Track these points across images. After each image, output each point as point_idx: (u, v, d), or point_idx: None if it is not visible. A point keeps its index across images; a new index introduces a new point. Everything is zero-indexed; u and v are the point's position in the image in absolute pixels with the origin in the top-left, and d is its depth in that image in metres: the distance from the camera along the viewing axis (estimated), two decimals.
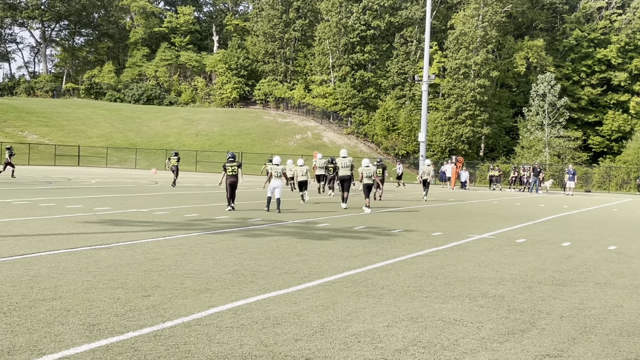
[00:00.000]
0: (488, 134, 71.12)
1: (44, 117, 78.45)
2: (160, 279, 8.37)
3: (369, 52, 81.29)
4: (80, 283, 7.92)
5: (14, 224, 13.59)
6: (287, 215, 18.37)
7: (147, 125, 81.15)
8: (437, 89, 75.40)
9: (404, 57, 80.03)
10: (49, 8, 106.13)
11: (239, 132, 76.65)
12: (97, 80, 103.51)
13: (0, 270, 8.48)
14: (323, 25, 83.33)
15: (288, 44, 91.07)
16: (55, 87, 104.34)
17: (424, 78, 61.10)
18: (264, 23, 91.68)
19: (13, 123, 73.53)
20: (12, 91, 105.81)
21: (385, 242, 13.12)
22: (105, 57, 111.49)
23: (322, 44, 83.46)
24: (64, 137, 73.01)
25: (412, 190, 40.33)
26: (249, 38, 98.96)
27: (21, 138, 69.50)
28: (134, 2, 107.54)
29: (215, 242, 12.09)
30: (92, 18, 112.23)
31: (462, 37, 71.21)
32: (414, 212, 21.99)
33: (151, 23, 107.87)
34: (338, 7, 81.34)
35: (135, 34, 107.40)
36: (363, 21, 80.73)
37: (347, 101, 79.81)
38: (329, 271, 9.49)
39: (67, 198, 21.61)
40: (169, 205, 20.44)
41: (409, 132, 71.82)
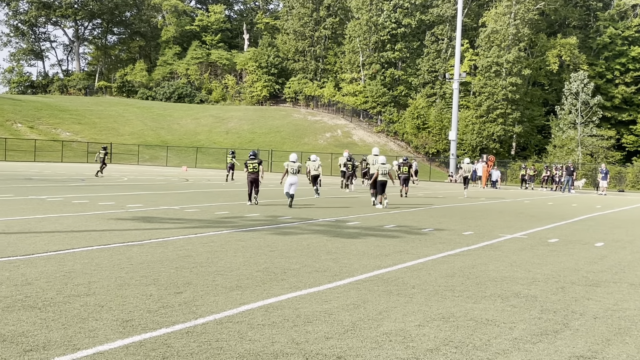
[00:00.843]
0: (520, 132, 70.45)
1: (77, 114, 79.42)
2: (192, 276, 8.43)
3: (400, 50, 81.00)
4: (114, 279, 8.01)
5: (48, 221, 13.78)
6: (317, 213, 18.38)
7: (178, 123, 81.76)
8: (468, 87, 74.87)
9: (434, 55, 79.62)
10: (82, 7, 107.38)
11: (268, 130, 76.87)
12: (129, 79, 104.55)
13: (35, 266, 8.60)
14: (353, 23, 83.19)
15: (318, 42, 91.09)
16: (88, 85, 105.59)
17: (455, 76, 60.81)
18: (295, 21, 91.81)
19: (47, 121, 74.54)
20: (45, 89, 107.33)
21: (415, 241, 13.07)
22: (137, 56, 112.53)
23: (353, 42, 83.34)
24: (96, 134, 73.84)
25: (436, 189, 40.09)
26: (279, 36, 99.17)
27: (54, 135, 70.43)
28: (166, 1, 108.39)
29: (246, 240, 12.13)
30: (124, 17, 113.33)
31: (493, 35, 70.61)
32: (444, 210, 21.87)
33: (183, 21, 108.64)
34: (369, 5, 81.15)
35: (166, 32, 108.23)
36: (394, 19, 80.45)
37: (377, 99, 79.60)
38: (359, 270, 9.48)
39: (99, 195, 21.86)
40: (200, 202, 20.57)
41: (439, 130, 71.45)
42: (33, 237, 11.31)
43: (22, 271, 8.21)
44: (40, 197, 19.60)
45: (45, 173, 36.77)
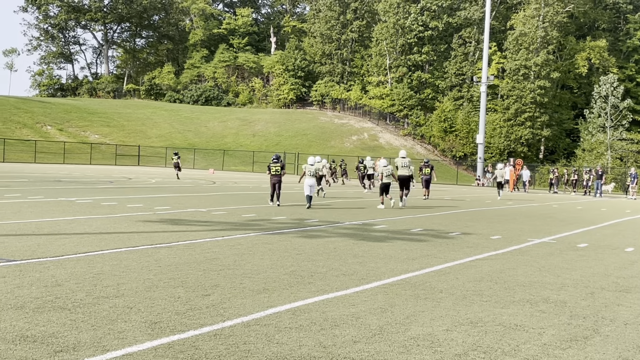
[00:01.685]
0: (548, 136, 69.85)
1: (106, 117, 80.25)
2: (219, 279, 8.46)
3: (427, 53, 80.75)
4: (142, 281, 8.06)
5: (77, 222, 13.93)
6: (344, 216, 18.37)
7: (205, 125, 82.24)
8: (495, 90, 74.39)
9: (462, 58, 79.27)
10: (111, 10, 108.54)
11: (295, 133, 77.03)
12: (157, 82, 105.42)
13: (65, 268, 8.69)
14: (380, 26, 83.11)
15: (345, 45, 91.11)
16: (116, 88, 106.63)
17: (483, 79, 60.46)
18: (322, 24, 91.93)
19: (76, 123, 75.41)
20: (75, 92, 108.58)
21: (443, 245, 13.00)
22: (165, 59, 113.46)
23: (379, 45, 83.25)
24: (124, 137, 74.54)
25: (463, 193, 39.85)
26: (306, 39, 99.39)
27: (83, 138, 71.22)
28: (194, 5, 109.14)
29: (273, 243, 12.16)
30: (152, 20, 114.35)
31: (522, 38, 70.13)
32: (471, 214, 21.74)
33: (210, 25, 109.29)
34: (396, 8, 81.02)
35: (194, 35, 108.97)
36: (421, 22, 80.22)
37: (404, 102, 79.43)
38: (386, 273, 9.45)
39: (128, 197, 22.05)
40: (227, 205, 20.66)
41: (466, 133, 71.08)
42: (63, 238, 11.44)
43: (52, 272, 8.31)
44: (69, 199, 19.82)
45: (74, 175, 37.20)
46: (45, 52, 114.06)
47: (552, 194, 45.96)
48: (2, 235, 11.49)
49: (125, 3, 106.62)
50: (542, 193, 46.29)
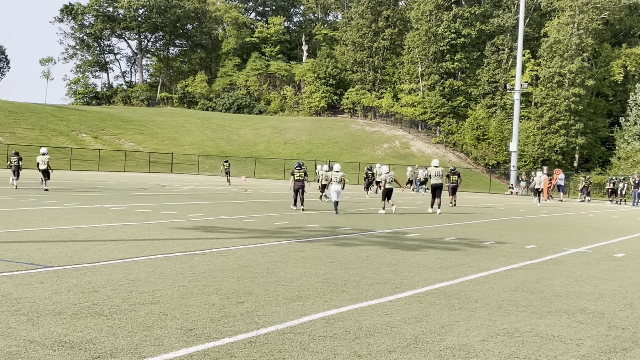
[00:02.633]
0: (583, 144, 68.99)
1: (140, 125, 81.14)
2: (253, 286, 8.48)
3: (459, 60, 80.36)
4: (177, 288, 8.12)
5: (113, 229, 14.08)
6: (376, 224, 18.32)
7: (237, 133, 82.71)
8: (529, 97, 73.73)
9: (495, 65, 78.75)
10: (145, 20, 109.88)
11: (326, 141, 77.11)
12: (190, 90, 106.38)
13: (101, 274, 8.78)
14: (412, 34, 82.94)
15: (377, 52, 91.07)
16: (150, 96, 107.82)
17: (516, 87, 60.02)
18: (353, 32, 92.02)
19: (110, 131, 76.36)
20: (110, 100, 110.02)
21: (477, 254, 12.89)
22: (198, 67, 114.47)
23: (411, 52, 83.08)
24: (158, 144, 75.27)
25: (496, 201, 39.49)
26: (337, 47, 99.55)
27: (118, 145, 72.06)
28: (227, 14, 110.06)
29: (306, 251, 12.16)
30: (186, 29, 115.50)
31: (556, 45, 69.46)
32: (505, 223, 21.54)
33: (243, 33, 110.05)
34: (428, 16, 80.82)
35: (227, 44, 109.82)
36: (453, 29, 79.90)
37: (436, 110, 79.10)
38: (420, 282, 9.39)
39: (161, 204, 22.24)
40: (259, 212, 20.74)
41: (499, 141, 70.53)
42: (99, 245, 11.57)
43: (88, 279, 8.40)
44: (105, 206, 20.05)
45: (108, 182, 37.65)
46: (81, 61, 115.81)
47: (581, 202, 45.32)
48: (40, 241, 11.66)
49: (160, 12, 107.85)
50: (576, 202, 45.69)
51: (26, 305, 6.81)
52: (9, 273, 8.48)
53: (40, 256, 9.97)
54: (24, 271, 8.69)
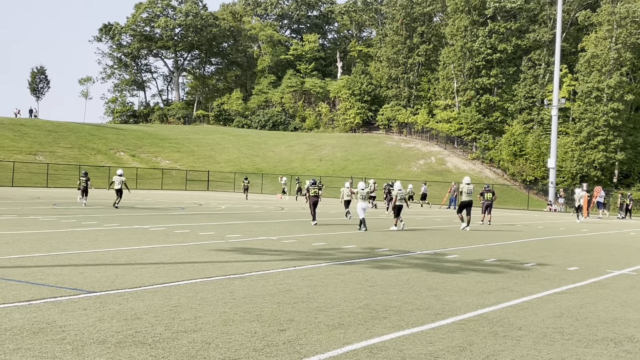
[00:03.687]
0: (622, 159, 67.86)
1: (176, 143, 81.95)
2: (294, 312, 8.45)
3: (495, 75, 79.88)
4: (218, 315, 8.12)
5: (152, 251, 14.18)
6: (414, 244, 18.19)
7: (272, 150, 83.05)
8: (567, 112, 72.87)
9: (531, 80, 78.08)
10: (181, 39, 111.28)
11: (361, 157, 77.02)
12: (225, 107, 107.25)
13: (143, 299, 8.82)
14: (447, 50, 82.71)
15: (412, 69, 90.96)
16: (186, 114, 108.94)
17: (554, 102, 59.42)
18: (388, 49, 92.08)
19: (148, 149, 77.24)
20: (147, 118, 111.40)
21: (518, 277, 12.71)
22: (233, 85, 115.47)
23: (447, 68, 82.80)
24: (194, 162, 75.91)
25: (535, 219, 38.97)
26: (372, 64, 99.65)
27: (155, 164, 72.82)
28: (262, 32, 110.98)
29: (345, 274, 12.10)
30: (221, 47, 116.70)
31: (593, 60, 68.62)
32: (545, 243, 21.23)
33: (278, 51, 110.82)
34: (463, 32, 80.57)
35: (262, 62, 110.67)
36: (489, 45, 79.52)
37: (472, 126, 78.59)
38: (462, 308, 9.27)
39: (199, 224, 22.37)
40: (297, 233, 20.73)
41: (537, 157, 69.72)
42: (139, 268, 11.65)
43: (131, 305, 8.45)
44: (144, 227, 20.22)
45: (146, 201, 38.01)
46: (119, 80, 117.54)
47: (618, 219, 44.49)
48: (81, 265, 11.78)
49: (196, 31, 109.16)
50: (616, 220, 44.90)
51: (71, 334, 6.86)
52: (53, 299, 8.57)
53: (82, 281, 10.06)
54: (67, 297, 8.77)
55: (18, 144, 66.54)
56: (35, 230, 17.73)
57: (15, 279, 10.02)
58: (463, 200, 26.05)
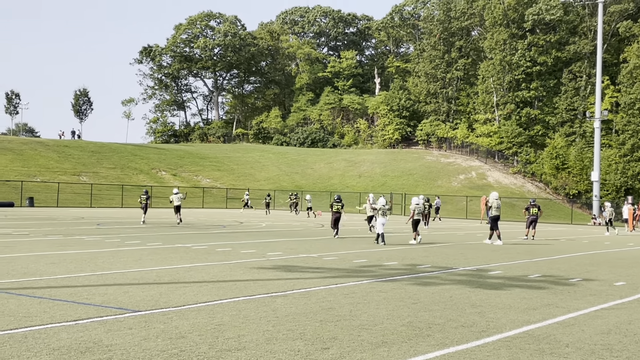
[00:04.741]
0: None
1: (216, 161, 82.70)
2: (336, 330, 8.43)
3: (535, 88, 79.16)
4: (261, 333, 8.14)
5: (195, 270, 14.29)
6: (457, 261, 18.03)
7: (311, 167, 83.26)
8: (609, 125, 71.79)
9: (572, 92, 77.18)
10: (220, 59, 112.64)
11: (401, 173, 76.75)
12: (264, 125, 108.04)
13: (187, 318, 8.89)
14: (486, 64, 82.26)
15: (450, 83, 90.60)
16: (226, 133, 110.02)
17: (596, 114, 58.59)
18: (426, 64, 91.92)
19: (188, 168, 78.07)
20: (187, 137, 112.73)
21: (564, 293, 12.50)
22: (272, 103, 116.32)
23: (486, 82, 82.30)
24: (234, 180, 76.46)
25: (579, 233, 38.32)
26: (410, 79, 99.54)
27: (196, 182, 73.54)
28: (300, 50, 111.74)
29: (387, 291, 12.04)
30: (260, 66, 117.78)
31: (636, 71, 67.59)
32: (590, 257, 20.86)
33: (315, 68, 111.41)
34: (502, 45, 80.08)
35: (300, 79, 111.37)
36: (528, 57, 78.89)
37: (513, 140, 77.87)
38: (507, 325, 9.15)
39: (240, 242, 22.50)
40: (337, 250, 20.71)
41: (580, 170, 68.71)
42: (183, 287, 11.75)
43: (175, 323, 8.52)
44: (186, 245, 20.41)
45: (188, 220, 38.35)
46: (160, 101, 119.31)
47: None
48: (126, 284, 11.93)
49: (234, 51, 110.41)
50: None
51: (117, 353, 6.94)
52: (99, 318, 8.69)
53: (127, 300, 10.19)
54: (113, 316, 8.88)
55: (62, 165, 67.82)
56: (80, 250, 18.02)
57: (62, 298, 10.18)
58: (492, 214, 26.10)
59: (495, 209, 26.08)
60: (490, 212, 26.32)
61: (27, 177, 60.82)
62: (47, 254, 16.86)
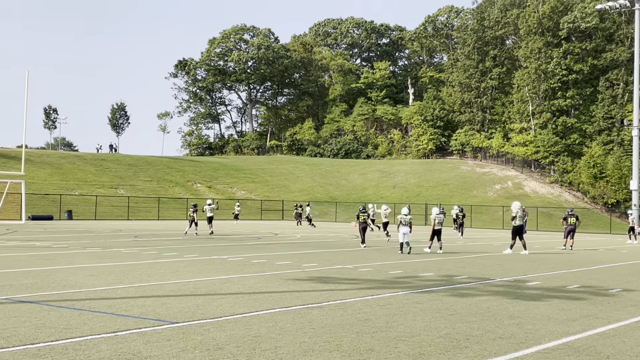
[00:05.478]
0: None
1: (251, 173, 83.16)
2: (373, 342, 8.40)
3: (572, 97, 78.31)
4: (298, 344, 8.14)
5: (231, 281, 14.37)
6: (494, 272, 17.86)
7: (345, 178, 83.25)
8: None
9: (610, 100, 76.16)
10: (254, 72, 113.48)
11: (436, 184, 76.36)
12: (298, 137, 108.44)
13: (224, 330, 8.94)
14: (521, 72, 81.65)
15: (485, 92, 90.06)
16: (260, 145, 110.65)
17: (634, 122, 57.73)
18: (460, 73, 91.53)
19: (223, 180, 78.62)
20: (222, 150, 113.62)
21: (604, 304, 12.30)
22: (305, 114, 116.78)
23: (521, 91, 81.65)
24: (268, 192, 76.78)
25: (618, 243, 37.70)
26: (444, 89, 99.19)
27: (230, 194, 74.00)
28: (333, 61, 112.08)
29: (424, 302, 11.97)
30: (293, 78, 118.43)
31: None
32: (630, 268, 20.51)
33: (348, 80, 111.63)
34: (537, 53, 79.44)
35: (333, 91, 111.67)
36: (564, 66, 78.09)
37: (549, 149, 77.04)
38: (546, 336, 9.03)
39: (276, 254, 22.56)
40: (372, 261, 20.66)
41: (618, 179, 67.65)
42: (219, 299, 11.82)
43: (212, 335, 8.57)
44: (221, 257, 20.54)
45: (223, 232, 38.59)
46: (194, 114, 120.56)
47: None
48: (164, 296, 12.04)
49: (268, 64, 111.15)
50: None
51: None
52: (138, 330, 8.78)
53: (165, 312, 10.28)
54: (151, 328, 8.96)
55: (100, 179, 68.79)
56: (118, 263, 18.24)
57: (102, 310, 10.31)
58: (516, 225, 25.71)
59: (519, 218, 25.74)
60: (514, 221, 25.83)
61: (66, 190, 61.77)
62: (86, 266, 17.10)
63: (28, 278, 14.22)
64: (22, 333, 8.39)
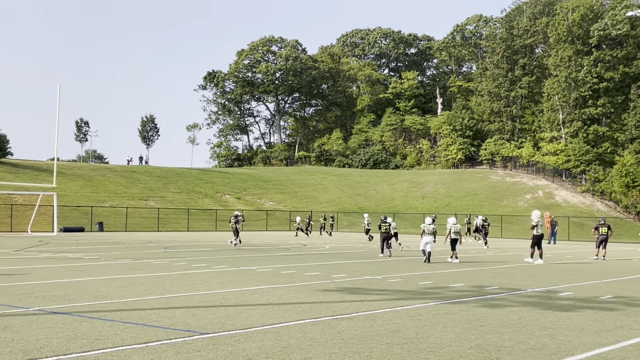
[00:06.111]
0: None
1: (279, 184, 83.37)
2: (403, 353, 8.35)
3: (603, 105, 77.43)
4: (328, 355, 8.12)
5: (260, 292, 14.40)
6: (526, 282, 17.69)
7: (374, 189, 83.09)
8: None
9: None
10: (282, 83, 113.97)
11: (465, 194, 75.88)
12: (326, 148, 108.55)
13: (254, 340, 8.95)
14: (551, 81, 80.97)
15: (514, 101, 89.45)
16: (288, 156, 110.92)
17: None
18: (489, 82, 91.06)
19: (252, 191, 78.91)
20: (250, 161, 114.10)
21: (638, 314, 12.11)
22: (333, 125, 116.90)
23: (551, 99, 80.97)
24: (297, 203, 76.88)
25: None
26: (473, 98, 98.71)
27: (259, 205, 74.22)
28: (361, 72, 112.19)
29: (454, 313, 11.89)
30: (321, 89, 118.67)
31: None
32: None
33: (376, 90, 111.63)
34: (567, 62, 78.74)
35: (361, 101, 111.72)
36: (595, 74, 77.29)
37: (580, 158, 76.19)
38: (579, 347, 8.91)
39: (305, 265, 22.57)
40: (402, 272, 20.57)
41: None
42: (249, 309, 11.84)
43: (242, 346, 8.58)
44: (251, 268, 20.59)
45: (252, 242, 38.72)
46: (223, 125, 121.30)
47: None
48: (194, 307, 12.10)
49: (296, 75, 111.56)
50: None
51: None
52: (168, 341, 8.83)
53: (195, 322, 10.32)
54: (181, 339, 9.01)
55: (130, 190, 69.43)
56: (148, 274, 18.38)
57: (132, 321, 10.39)
58: (537, 234, 25.45)
59: (540, 227, 25.59)
60: (536, 230, 25.54)
61: (97, 202, 62.46)
62: (117, 277, 17.25)
63: (60, 289, 14.38)
64: (54, 344, 8.48)
